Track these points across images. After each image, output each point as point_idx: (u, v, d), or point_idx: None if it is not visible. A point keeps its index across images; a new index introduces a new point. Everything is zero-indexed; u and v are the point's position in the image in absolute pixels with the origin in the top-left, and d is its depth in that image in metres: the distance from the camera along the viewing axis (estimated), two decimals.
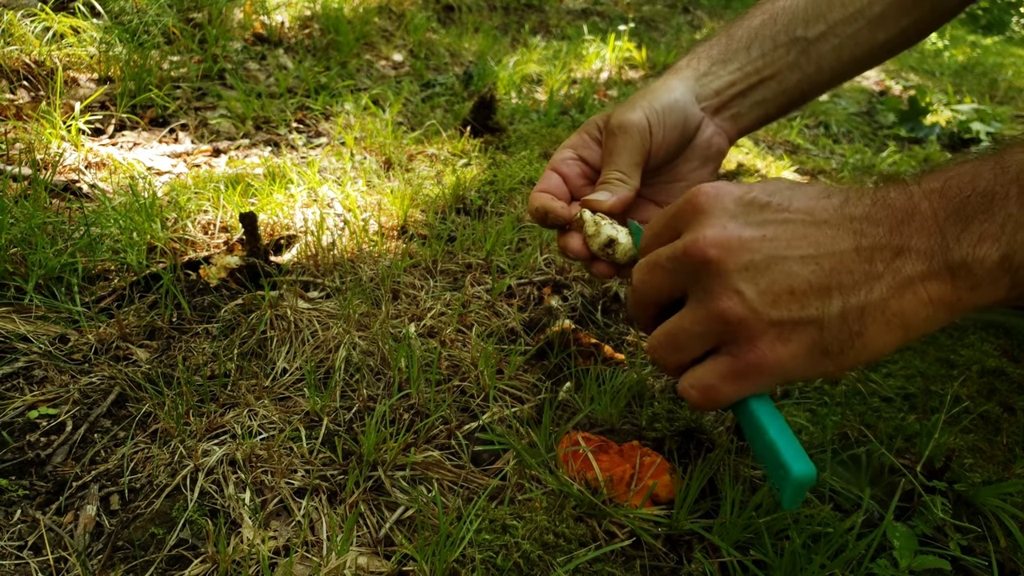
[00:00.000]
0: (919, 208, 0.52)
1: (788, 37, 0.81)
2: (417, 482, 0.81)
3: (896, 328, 0.53)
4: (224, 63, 2.18)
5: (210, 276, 1.16)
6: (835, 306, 0.53)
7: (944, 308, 0.53)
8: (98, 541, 0.74)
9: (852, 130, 2.77)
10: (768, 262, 0.53)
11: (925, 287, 0.52)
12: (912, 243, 0.52)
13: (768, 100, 0.83)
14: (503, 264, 1.26)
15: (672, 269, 0.58)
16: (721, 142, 0.83)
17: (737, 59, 0.82)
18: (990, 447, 0.93)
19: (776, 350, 0.54)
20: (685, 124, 0.79)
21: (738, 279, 0.53)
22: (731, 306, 0.54)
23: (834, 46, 0.82)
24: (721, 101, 0.82)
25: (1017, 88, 3.73)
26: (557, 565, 0.69)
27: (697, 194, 0.57)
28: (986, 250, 0.50)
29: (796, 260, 0.53)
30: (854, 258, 0.53)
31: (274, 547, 0.72)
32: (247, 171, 1.56)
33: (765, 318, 0.53)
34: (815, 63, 0.82)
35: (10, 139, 1.50)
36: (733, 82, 0.82)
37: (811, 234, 0.53)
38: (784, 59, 0.81)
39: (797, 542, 0.68)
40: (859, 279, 0.53)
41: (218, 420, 0.87)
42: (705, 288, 0.55)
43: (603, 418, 0.90)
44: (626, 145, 0.75)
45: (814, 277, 0.53)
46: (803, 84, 0.83)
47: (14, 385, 0.91)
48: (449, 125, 1.98)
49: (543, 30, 3.56)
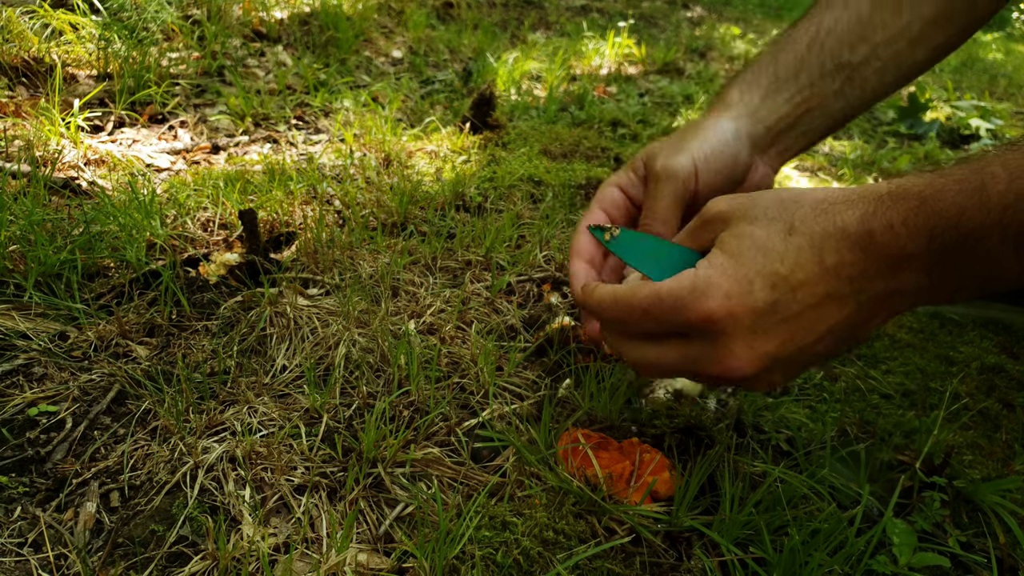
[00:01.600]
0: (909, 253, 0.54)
1: (834, 64, 0.80)
2: (417, 479, 0.81)
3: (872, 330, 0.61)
4: (223, 60, 2.18)
5: (209, 273, 1.16)
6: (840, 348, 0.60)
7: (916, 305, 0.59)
8: (98, 538, 0.74)
9: (851, 126, 2.77)
10: (794, 354, 0.58)
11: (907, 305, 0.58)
12: (904, 286, 0.55)
13: (812, 130, 0.82)
14: (503, 261, 1.26)
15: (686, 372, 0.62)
16: (769, 182, 0.82)
17: (787, 89, 0.80)
18: (989, 444, 0.93)
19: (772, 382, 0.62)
20: (733, 168, 0.77)
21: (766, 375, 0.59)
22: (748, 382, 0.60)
23: (876, 69, 0.81)
24: (772, 137, 0.80)
25: (1017, 84, 3.72)
26: (557, 562, 0.70)
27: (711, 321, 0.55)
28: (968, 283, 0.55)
29: (815, 342, 0.57)
30: (857, 314, 0.57)
31: (274, 544, 0.72)
32: (246, 168, 1.56)
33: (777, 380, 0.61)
34: (859, 87, 0.81)
35: (9, 136, 1.50)
36: (783, 116, 0.80)
37: (821, 313, 0.56)
38: (831, 87, 0.80)
39: (796, 539, 0.68)
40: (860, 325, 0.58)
41: (218, 417, 0.87)
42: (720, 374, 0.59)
43: (603, 415, 0.90)
44: (669, 191, 0.74)
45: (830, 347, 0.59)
46: (846, 110, 0.82)
47: (14, 382, 0.91)
48: (448, 122, 1.97)
49: (542, 26, 3.56)
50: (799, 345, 0.57)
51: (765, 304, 0.55)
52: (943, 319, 1.21)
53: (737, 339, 0.56)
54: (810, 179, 2.06)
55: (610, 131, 2.12)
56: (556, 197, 1.55)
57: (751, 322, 0.55)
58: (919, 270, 0.54)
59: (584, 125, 2.15)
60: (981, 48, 4.95)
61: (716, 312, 0.55)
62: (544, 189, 1.60)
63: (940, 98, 3.02)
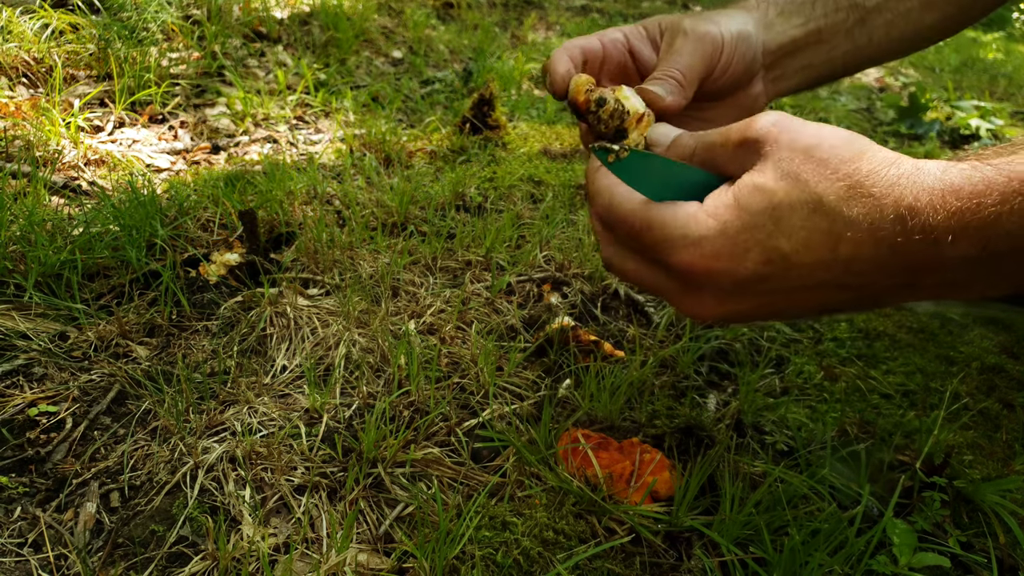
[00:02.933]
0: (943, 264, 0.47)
1: (849, 2, 0.78)
2: (417, 479, 0.81)
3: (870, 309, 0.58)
4: (223, 60, 2.18)
5: (209, 273, 1.16)
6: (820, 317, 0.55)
7: None
8: (98, 538, 0.74)
9: (852, 126, 2.77)
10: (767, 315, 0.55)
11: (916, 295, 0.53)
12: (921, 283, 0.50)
13: (811, 67, 0.80)
14: (503, 261, 1.26)
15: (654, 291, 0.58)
16: (763, 103, 0.79)
17: (802, 13, 0.77)
18: (989, 444, 0.93)
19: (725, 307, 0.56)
20: (752, 62, 0.74)
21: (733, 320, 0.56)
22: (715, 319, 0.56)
23: (887, 20, 0.80)
24: (776, 58, 0.77)
25: (1017, 84, 3.72)
26: (557, 562, 0.70)
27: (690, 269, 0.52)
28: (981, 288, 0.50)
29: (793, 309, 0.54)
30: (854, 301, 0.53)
31: (274, 544, 0.72)
32: (246, 168, 1.56)
33: None
34: (867, 35, 0.80)
35: (9, 136, 1.50)
36: (794, 39, 0.77)
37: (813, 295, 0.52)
38: (843, 24, 0.78)
39: (797, 539, 0.68)
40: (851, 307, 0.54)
41: (218, 417, 0.87)
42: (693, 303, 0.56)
43: (603, 415, 0.90)
44: (696, 50, 0.68)
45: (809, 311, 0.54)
46: (848, 56, 0.81)
47: (14, 383, 0.91)
48: (448, 122, 1.97)
49: (543, 27, 3.56)
50: (776, 311, 0.53)
51: (752, 275, 0.51)
52: (943, 319, 1.21)
53: (710, 296, 0.53)
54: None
55: None
56: (556, 197, 1.55)
57: (731, 286, 0.52)
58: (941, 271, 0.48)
59: None
60: (981, 48, 4.95)
61: (697, 267, 0.51)
62: (544, 189, 1.60)
63: (940, 98, 3.02)
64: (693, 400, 0.96)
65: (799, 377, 1.05)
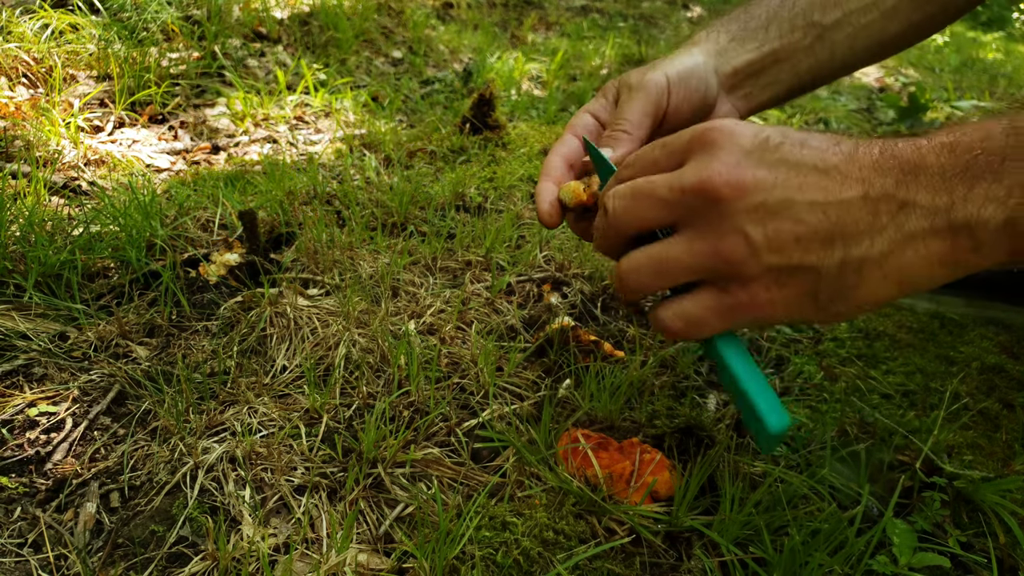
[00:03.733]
0: (926, 162, 0.51)
1: (805, 21, 0.81)
2: (417, 479, 0.81)
3: (892, 283, 0.53)
4: (223, 60, 2.18)
5: (209, 273, 1.16)
6: (836, 256, 0.52)
7: (943, 266, 0.52)
8: (98, 539, 0.74)
9: (852, 126, 2.77)
10: (778, 206, 0.52)
11: (926, 244, 0.51)
12: (917, 198, 0.51)
13: (780, 82, 0.82)
14: (503, 261, 1.26)
15: (670, 200, 0.55)
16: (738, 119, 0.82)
17: (756, 38, 0.81)
18: (989, 444, 0.93)
19: (770, 293, 0.54)
20: (706, 93, 0.77)
21: (746, 220, 0.52)
22: (735, 247, 0.53)
23: (848, 34, 0.81)
24: (737, 80, 0.81)
25: (1017, 84, 3.72)
26: (557, 562, 0.70)
27: (710, 129, 0.55)
28: (991, 212, 0.49)
29: (805, 206, 0.52)
30: (860, 207, 0.52)
31: (274, 544, 0.72)
32: (246, 168, 1.56)
33: (764, 262, 0.53)
34: (828, 50, 0.82)
35: (9, 136, 1.50)
36: (751, 61, 0.80)
37: (821, 180, 0.52)
38: (800, 43, 0.81)
39: (797, 539, 0.68)
40: (863, 229, 0.52)
41: (218, 417, 0.87)
42: (708, 223, 0.54)
43: (603, 415, 0.90)
44: (641, 99, 0.72)
45: (820, 225, 0.52)
46: (814, 69, 0.83)
47: (13, 383, 0.91)
48: (448, 122, 1.97)
49: (542, 27, 3.56)
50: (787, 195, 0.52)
51: (769, 138, 0.54)
52: (943, 319, 1.21)
53: (727, 151, 0.53)
54: None
55: None
56: None
57: (749, 144, 0.53)
58: (935, 185, 0.50)
59: None
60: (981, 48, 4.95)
61: (716, 124, 0.55)
62: None
63: (940, 98, 3.02)
64: (693, 400, 0.96)
65: (799, 377, 1.05)
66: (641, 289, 0.59)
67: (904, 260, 0.52)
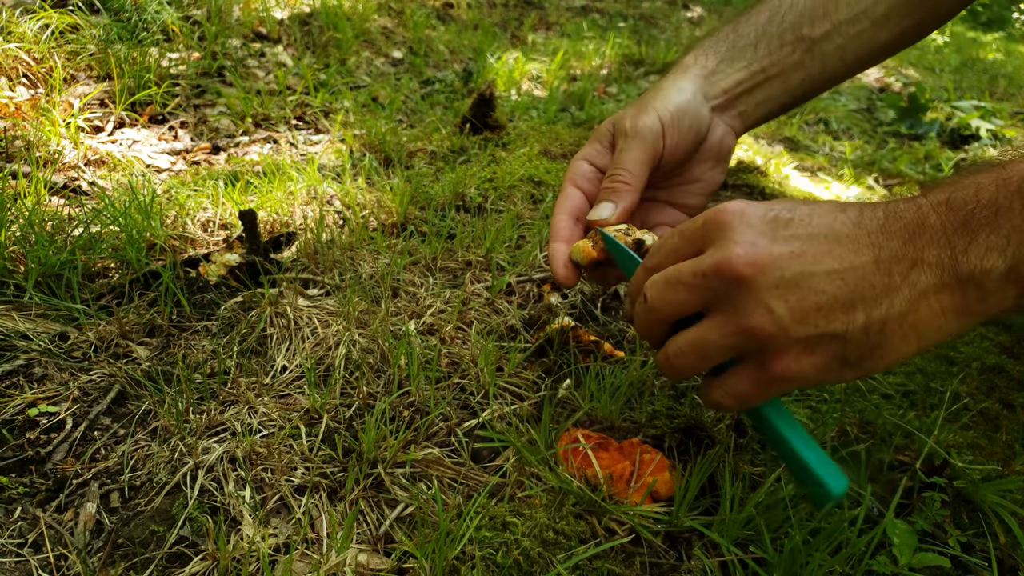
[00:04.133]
0: (928, 220, 0.54)
1: (794, 36, 0.81)
2: (417, 479, 0.81)
3: (912, 339, 0.56)
4: (223, 60, 2.18)
5: (210, 274, 1.16)
6: (859, 320, 0.55)
7: (955, 317, 0.55)
8: (98, 539, 0.74)
9: (852, 127, 2.77)
10: (797, 278, 0.55)
11: (938, 299, 0.54)
12: (924, 255, 0.54)
13: (773, 98, 0.83)
14: (503, 261, 1.26)
15: (697, 286, 0.58)
16: (730, 141, 0.84)
17: (744, 57, 0.82)
18: (989, 444, 0.93)
19: (801, 362, 0.56)
20: (699, 126, 0.79)
21: (769, 296, 0.55)
22: (763, 323, 0.55)
23: (838, 46, 0.82)
24: (728, 99, 0.82)
25: (1017, 84, 3.72)
26: (557, 562, 0.70)
27: (722, 212, 0.58)
28: (993, 262, 0.52)
29: (823, 275, 0.54)
30: (874, 271, 0.54)
31: (274, 544, 0.72)
32: (246, 168, 1.56)
33: (792, 334, 0.55)
34: (819, 62, 0.82)
35: (9, 136, 1.50)
36: (740, 81, 0.82)
37: (834, 249, 0.55)
38: (790, 58, 0.82)
39: (797, 539, 0.68)
40: (880, 292, 0.54)
41: (218, 418, 0.87)
42: (734, 304, 0.57)
43: (603, 415, 0.90)
44: (637, 147, 0.75)
45: (840, 292, 0.54)
46: (806, 83, 0.83)
47: (14, 383, 0.91)
48: (449, 122, 1.97)
49: (543, 27, 3.56)
50: (805, 268, 0.54)
51: (779, 215, 0.56)
52: None
53: (742, 233, 0.56)
54: (810, 179, 2.06)
55: None
56: (556, 197, 1.55)
57: (760, 224, 0.56)
58: (938, 240, 0.53)
59: (584, 125, 2.15)
60: (981, 48, 4.95)
61: (728, 207, 0.57)
62: (544, 189, 1.60)
63: (940, 98, 3.02)
64: (693, 400, 0.96)
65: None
66: (687, 372, 0.62)
67: (920, 315, 0.55)
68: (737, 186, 1.87)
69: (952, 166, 2.20)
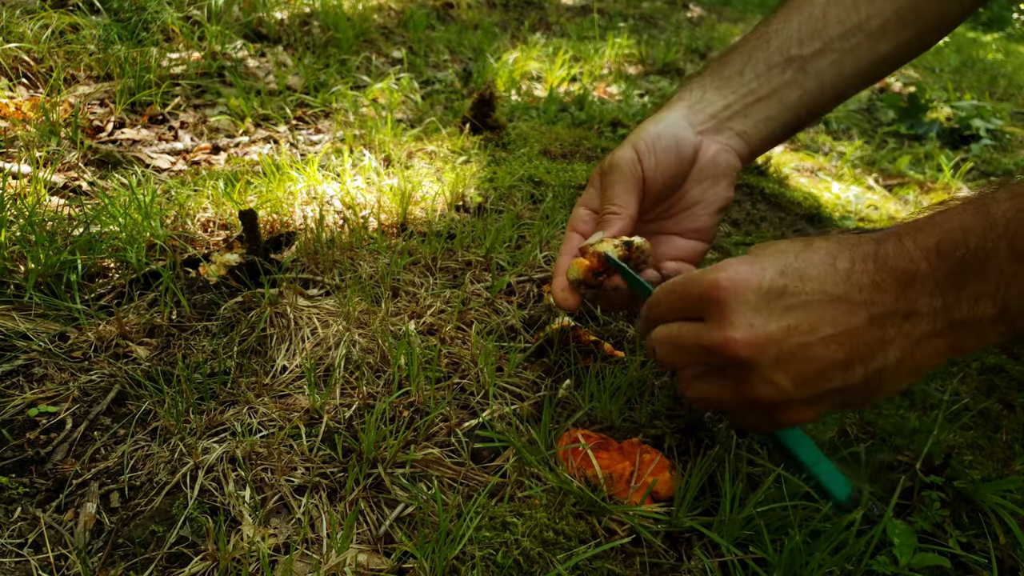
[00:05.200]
0: (919, 269, 0.56)
1: (782, 57, 0.83)
2: (417, 479, 0.81)
3: (909, 377, 0.60)
4: (223, 60, 2.18)
5: (210, 274, 1.16)
6: (857, 375, 0.58)
7: (951, 353, 0.59)
8: (98, 539, 0.74)
9: (852, 127, 2.77)
10: (795, 351, 0.57)
11: (932, 343, 0.57)
12: (917, 306, 0.56)
13: (773, 117, 0.85)
14: (503, 261, 1.26)
15: (702, 358, 0.64)
16: (729, 158, 0.85)
17: (731, 84, 0.85)
18: (989, 444, 0.93)
19: (804, 413, 0.62)
20: (678, 147, 0.81)
21: (771, 372, 0.58)
22: (767, 394, 0.60)
23: (833, 61, 0.83)
24: (718, 123, 0.84)
25: (1017, 84, 3.72)
26: (557, 562, 0.70)
27: (716, 288, 0.59)
28: (983, 308, 0.55)
29: (819, 344, 0.57)
30: (868, 329, 0.57)
31: (274, 544, 0.72)
32: (246, 168, 1.56)
33: (797, 397, 0.60)
34: (815, 79, 0.84)
35: (9, 136, 1.50)
36: (728, 104, 0.84)
37: (828, 313, 0.57)
38: (780, 78, 0.83)
39: (797, 539, 0.68)
40: (875, 348, 0.57)
41: (218, 418, 0.87)
42: (738, 377, 0.61)
43: (603, 415, 0.90)
44: (617, 179, 0.79)
45: (837, 356, 0.58)
46: (806, 100, 0.85)
47: (14, 383, 0.91)
48: (448, 122, 1.97)
49: (542, 27, 3.56)
50: (802, 340, 0.57)
51: (772, 285, 0.57)
52: None
53: (738, 313, 0.57)
54: (809, 179, 2.06)
55: (610, 131, 2.12)
56: (556, 197, 1.55)
57: (755, 299, 0.57)
58: (930, 290, 0.55)
59: (584, 125, 2.15)
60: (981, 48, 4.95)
61: (721, 281, 0.58)
62: (544, 189, 1.60)
63: (940, 98, 3.02)
64: None
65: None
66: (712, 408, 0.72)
67: (916, 360, 0.58)
68: (737, 186, 1.87)
69: (952, 167, 2.20)
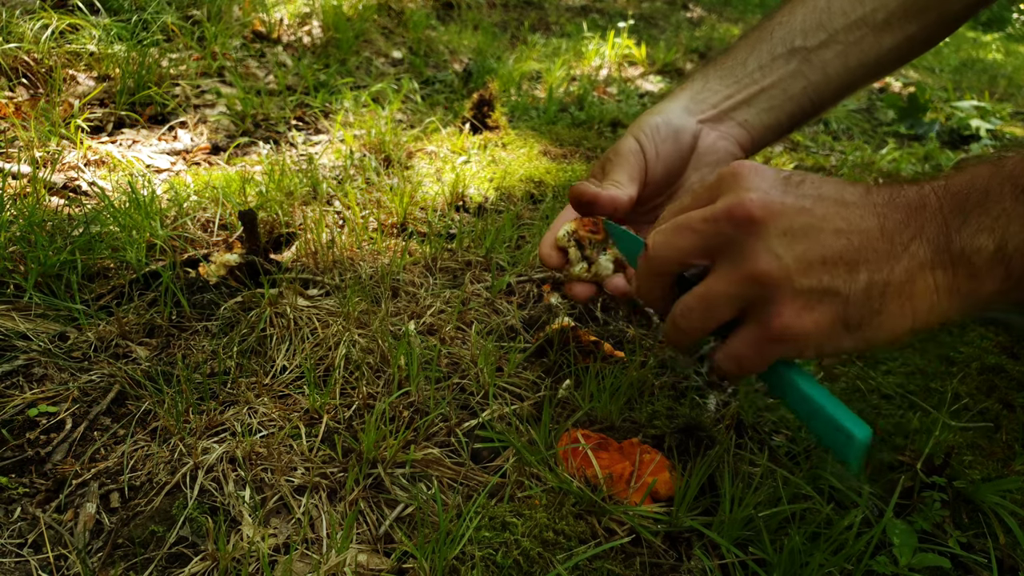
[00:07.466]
0: (928, 200, 0.57)
1: (785, 48, 0.84)
2: (417, 479, 0.81)
3: (908, 312, 0.58)
4: (223, 60, 2.18)
5: (209, 274, 1.16)
6: (861, 280, 0.57)
7: (947, 297, 0.57)
8: (98, 539, 0.74)
9: (852, 127, 2.77)
10: (805, 230, 0.57)
11: (932, 274, 0.57)
12: (923, 230, 0.57)
13: (776, 107, 0.85)
14: (503, 262, 1.26)
15: (705, 231, 0.60)
16: (728, 145, 0.86)
17: (733, 74, 0.85)
18: (989, 444, 0.93)
19: (802, 318, 0.58)
20: (677, 135, 0.82)
21: (777, 243, 0.57)
22: (769, 268, 0.57)
23: (838, 52, 0.84)
24: (720, 112, 0.85)
25: (1017, 84, 3.72)
26: (557, 562, 0.70)
27: (738, 166, 0.60)
28: (983, 241, 0.55)
29: (830, 232, 0.57)
30: (878, 236, 0.57)
31: (274, 545, 0.72)
32: (246, 168, 1.56)
33: (796, 284, 0.57)
34: (820, 70, 0.85)
35: (9, 137, 1.50)
36: (730, 95, 0.85)
37: (841, 212, 0.57)
38: (783, 68, 0.84)
39: (797, 539, 0.68)
40: (882, 256, 0.57)
41: (218, 418, 0.87)
42: (741, 249, 0.58)
43: (603, 415, 0.90)
44: (620, 164, 0.79)
45: (844, 250, 0.57)
46: (810, 91, 0.85)
47: (14, 383, 0.91)
48: (448, 122, 1.97)
49: (542, 27, 3.56)
50: (813, 222, 0.57)
51: (791, 177, 0.59)
52: None
53: (755, 182, 0.58)
54: None
55: (610, 131, 2.12)
56: (556, 197, 1.55)
57: (772, 179, 0.59)
58: (936, 218, 0.56)
59: (584, 125, 2.15)
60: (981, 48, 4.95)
61: (744, 163, 0.60)
62: (544, 189, 1.60)
63: (940, 98, 3.02)
64: (693, 400, 0.96)
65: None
66: (693, 331, 0.63)
67: (916, 289, 0.57)
68: None
69: (952, 165, 2.20)
